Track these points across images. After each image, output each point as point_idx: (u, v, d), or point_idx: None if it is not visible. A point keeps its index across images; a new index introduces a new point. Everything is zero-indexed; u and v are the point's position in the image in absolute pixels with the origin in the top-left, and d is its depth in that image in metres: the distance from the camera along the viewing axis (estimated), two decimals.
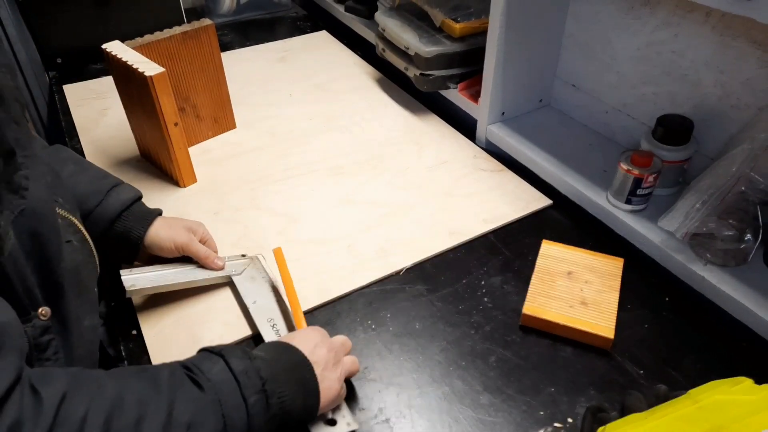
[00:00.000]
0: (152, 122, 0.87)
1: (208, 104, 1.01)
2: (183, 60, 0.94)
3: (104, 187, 0.71)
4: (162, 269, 0.72)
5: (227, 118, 1.06)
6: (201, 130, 1.03)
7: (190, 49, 0.94)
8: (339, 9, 1.44)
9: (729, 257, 0.71)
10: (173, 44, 0.92)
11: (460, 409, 0.61)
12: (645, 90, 0.87)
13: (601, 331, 0.66)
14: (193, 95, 0.98)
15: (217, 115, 1.04)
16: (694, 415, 0.47)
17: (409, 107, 1.13)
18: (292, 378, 0.53)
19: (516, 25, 0.91)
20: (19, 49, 1.22)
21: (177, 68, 0.94)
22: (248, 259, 0.77)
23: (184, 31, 0.93)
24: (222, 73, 1.00)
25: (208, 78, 0.99)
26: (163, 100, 0.82)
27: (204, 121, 1.02)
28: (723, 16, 0.73)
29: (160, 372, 0.48)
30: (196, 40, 0.94)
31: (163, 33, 0.92)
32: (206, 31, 0.95)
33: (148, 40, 0.90)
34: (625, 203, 0.80)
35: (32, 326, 0.46)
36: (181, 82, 0.96)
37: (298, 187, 0.93)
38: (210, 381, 0.48)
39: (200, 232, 0.75)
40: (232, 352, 0.51)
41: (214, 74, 1.00)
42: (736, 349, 0.67)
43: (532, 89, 1.02)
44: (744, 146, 0.68)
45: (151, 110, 0.85)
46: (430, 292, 0.75)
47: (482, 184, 0.93)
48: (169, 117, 0.85)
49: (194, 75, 0.97)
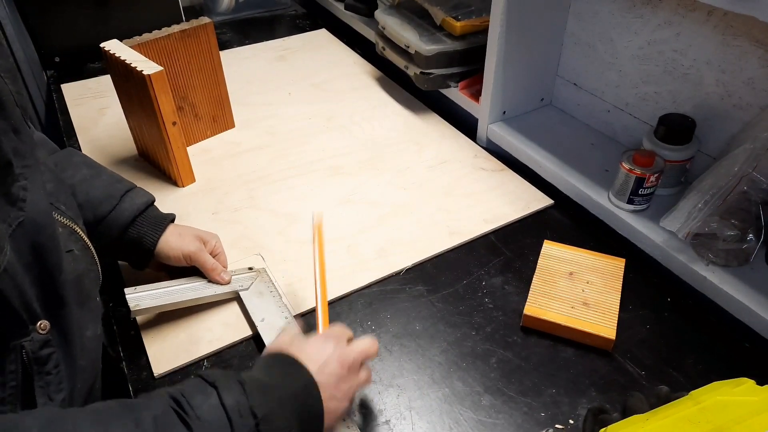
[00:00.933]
0: (150, 121, 0.87)
1: (206, 103, 1.01)
2: (181, 59, 0.94)
3: (118, 191, 0.70)
4: (168, 286, 0.70)
5: (226, 117, 1.06)
6: (199, 129, 1.03)
7: (188, 47, 0.94)
8: (339, 7, 1.43)
9: (731, 257, 0.70)
10: (171, 43, 0.91)
11: (460, 411, 0.61)
12: (647, 89, 0.86)
13: (602, 332, 0.66)
14: (192, 94, 0.98)
15: (215, 114, 1.03)
16: (695, 416, 0.47)
17: (409, 106, 1.13)
18: (291, 410, 0.48)
19: (517, 23, 0.90)
20: (18, 48, 1.21)
21: (175, 67, 0.94)
22: (255, 273, 0.75)
23: (182, 30, 0.92)
24: (221, 72, 1.00)
25: (206, 77, 0.99)
26: (161, 98, 0.82)
27: (202, 120, 1.02)
28: (725, 15, 0.72)
29: (146, 412, 0.43)
30: (195, 38, 0.94)
31: (162, 32, 0.91)
32: (205, 30, 0.95)
33: (147, 39, 0.89)
34: (627, 203, 0.79)
35: (30, 340, 0.44)
36: (180, 81, 0.95)
37: (298, 186, 0.93)
38: (200, 419, 0.44)
39: (212, 244, 0.73)
40: (227, 384, 0.47)
41: (212, 73, 0.99)
42: (738, 350, 0.67)
43: (534, 88, 1.01)
44: (746, 146, 0.68)
45: (149, 109, 0.84)
46: (431, 292, 0.75)
47: (483, 184, 0.92)
48: (167, 116, 0.84)
49: (192, 74, 0.97)
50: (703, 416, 0.47)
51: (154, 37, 0.90)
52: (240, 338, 0.69)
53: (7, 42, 1.18)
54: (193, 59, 0.95)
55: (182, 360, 0.66)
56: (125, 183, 0.72)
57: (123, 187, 0.71)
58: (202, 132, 1.04)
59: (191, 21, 0.94)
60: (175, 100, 0.88)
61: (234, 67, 1.28)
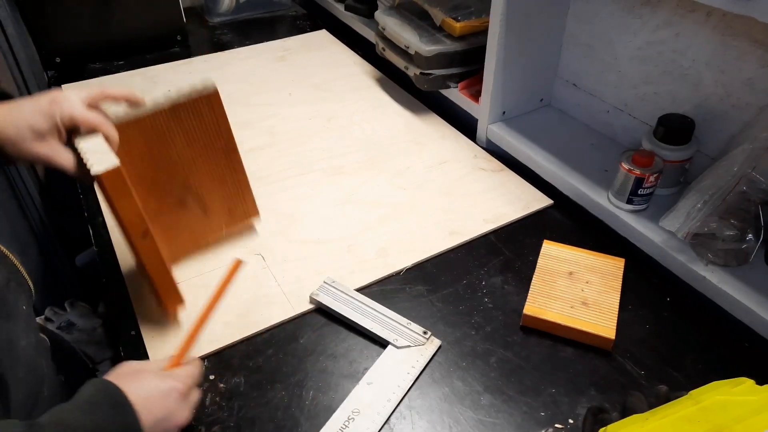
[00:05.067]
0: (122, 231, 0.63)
1: (217, 192, 0.76)
2: (178, 139, 0.70)
3: None
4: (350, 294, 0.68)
5: (246, 205, 0.80)
6: (209, 226, 0.79)
7: (185, 125, 0.70)
8: (339, 8, 1.43)
9: (730, 257, 0.71)
10: (160, 122, 0.68)
11: (460, 410, 0.61)
12: (646, 89, 0.86)
13: (602, 332, 0.66)
14: (196, 183, 0.74)
15: (232, 204, 0.78)
16: (695, 416, 0.47)
17: (409, 107, 1.13)
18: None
19: (516, 24, 0.90)
20: (18, 48, 1.22)
21: (171, 150, 0.70)
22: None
23: (174, 104, 0.68)
24: (234, 152, 0.76)
25: (215, 159, 0.74)
26: (120, 204, 0.59)
27: (214, 214, 0.77)
28: (724, 16, 0.73)
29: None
30: (194, 113, 0.70)
31: (148, 107, 0.67)
32: (207, 102, 0.70)
33: (126, 117, 0.66)
34: (627, 203, 0.80)
35: None
36: (178, 168, 0.72)
37: (298, 187, 0.93)
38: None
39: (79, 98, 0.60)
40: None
41: (223, 154, 0.75)
42: (738, 350, 0.67)
43: (533, 89, 1.02)
44: (745, 146, 0.68)
45: (115, 215, 0.61)
46: (431, 292, 0.75)
47: (483, 184, 0.93)
48: (132, 226, 0.60)
49: (195, 157, 0.73)
50: (703, 416, 0.47)
51: (135, 116, 0.66)
52: (240, 338, 0.69)
53: (7, 42, 1.19)
54: (196, 139, 0.72)
55: (182, 360, 0.66)
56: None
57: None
58: (214, 229, 0.79)
59: (191, 89, 0.69)
60: (174, 191, 0.70)
61: (234, 68, 1.28)
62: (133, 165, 0.65)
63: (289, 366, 0.66)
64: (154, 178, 0.69)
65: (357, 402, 0.61)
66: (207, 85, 0.70)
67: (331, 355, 0.67)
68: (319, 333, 0.70)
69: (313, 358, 0.67)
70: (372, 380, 0.63)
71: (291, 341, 0.69)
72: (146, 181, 0.68)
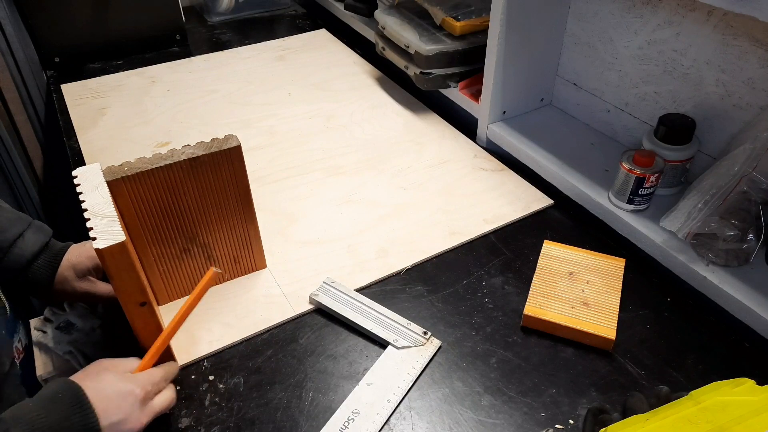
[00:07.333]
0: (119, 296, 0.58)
1: (225, 243, 0.73)
2: (191, 192, 0.66)
3: (11, 234, 0.65)
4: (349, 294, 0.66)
5: (254, 257, 0.77)
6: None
7: (201, 178, 0.66)
8: (338, 7, 1.43)
9: (731, 257, 0.70)
10: (175, 174, 0.64)
11: (460, 411, 0.61)
12: (647, 89, 0.86)
13: (602, 332, 0.66)
14: (204, 233, 0.71)
15: (238, 255, 0.75)
16: (695, 416, 0.47)
17: (409, 106, 1.13)
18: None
19: (517, 23, 0.90)
20: (17, 47, 1.22)
21: (180, 203, 0.67)
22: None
23: (192, 157, 0.64)
24: (249, 205, 0.71)
25: (227, 211, 0.70)
26: (121, 277, 0.55)
27: (218, 262, 0.75)
28: (725, 15, 0.72)
29: None
30: (212, 167, 0.66)
31: (164, 156, 0.63)
32: (228, 157, 0.66)
33: (139, 168, 0.62)
34: (627, 203, 0.79)
35: None
36: (187, 219, 0.68)
37: (298, 187, 0.93)
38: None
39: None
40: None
41: (238, 208, 0.71)
42: (738, 350, 0.67)
43: (533, 88, 1.01)
44: (746, 146, 0.68)
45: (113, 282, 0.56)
46: (431, 292, 0.75)
47: (483, 184, 0.92)
48: (129, 295, 0.56)
49: (208, 209, 0.69)
50: (703, 416, 0.47)
51: (150, 167, 0.62)
52: (240, 338, 0.69)
53: (6, 42, 1.18)
54: (210, 192, 0.68)
55: (182, 360, 0.66)
56: (18, 226, 0.67)
57: (14, 233, 0.66)
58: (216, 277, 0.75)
59: (213, 140, 0.66)
60: (178, 241, 0.68)
61: (234, 67, 1.28)
62: (141, 215, 0.64)
63: (288, 367, 0.66)
64: (161, 227, 0.67)
65: (357, 402, 0.61)
66: (229, 138, 0.66)
67: (331, 356, 0.67)
68: (318, 333, 0.70)
69: (313, 358, 0.67)
70: (372, 381, 0.63)
71: (290, 342, 0.69)
72: (151, 230, 0.66)
